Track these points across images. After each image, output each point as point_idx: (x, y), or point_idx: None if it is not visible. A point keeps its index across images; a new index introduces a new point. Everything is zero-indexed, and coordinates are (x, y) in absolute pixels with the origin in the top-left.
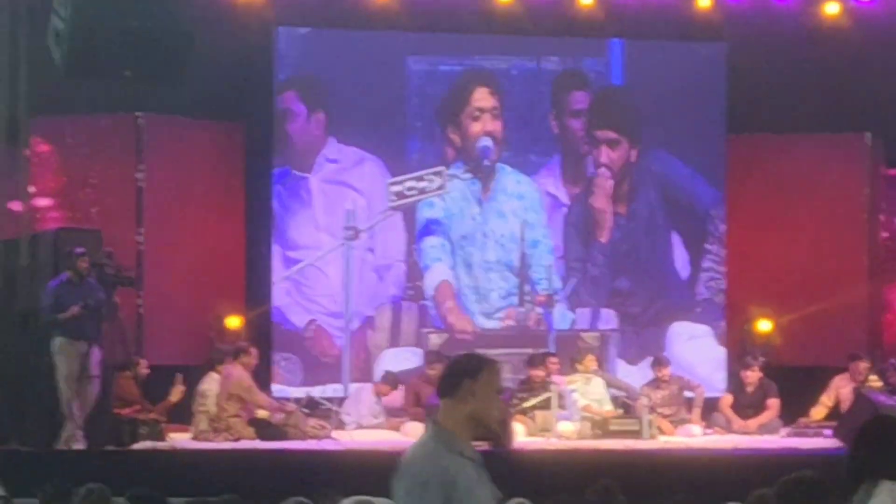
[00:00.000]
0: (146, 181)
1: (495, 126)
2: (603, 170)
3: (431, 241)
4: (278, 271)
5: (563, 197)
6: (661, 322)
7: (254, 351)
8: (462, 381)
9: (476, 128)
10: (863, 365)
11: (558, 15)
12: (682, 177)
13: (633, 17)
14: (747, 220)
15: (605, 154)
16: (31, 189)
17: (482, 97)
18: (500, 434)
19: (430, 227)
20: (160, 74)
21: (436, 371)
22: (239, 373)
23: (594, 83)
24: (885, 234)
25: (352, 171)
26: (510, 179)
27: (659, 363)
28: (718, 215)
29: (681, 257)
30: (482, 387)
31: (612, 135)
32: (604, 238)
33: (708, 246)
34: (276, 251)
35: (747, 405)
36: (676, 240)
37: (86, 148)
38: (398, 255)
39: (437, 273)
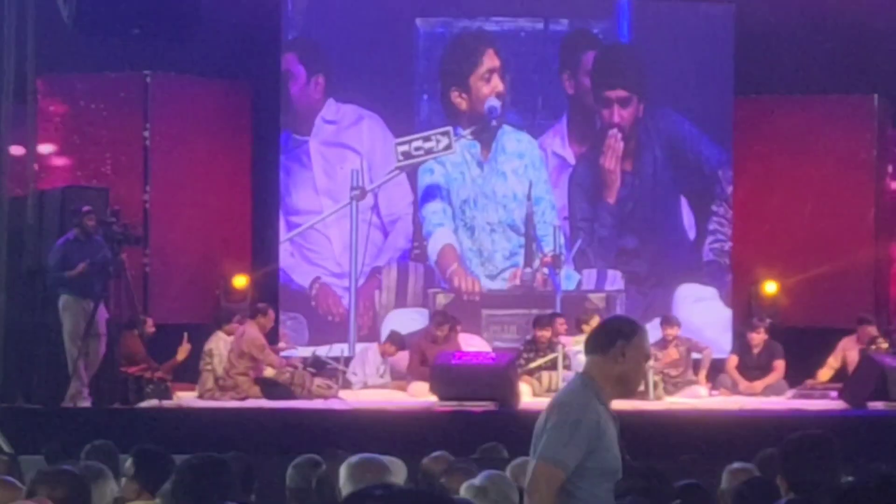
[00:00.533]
0: (153, 139)
1: (502, 86)
2: (614, 130)
3: (433, 207)
4: (283, 232)
5: (570, 157)
6: (667, 283)
7: (271, 313)
8: (616, 340)
9: (486, 89)
10: (871, 329)
11: None
12: (689, 135)
13: None
14: (754, 181)
15: (617, 113)
16: (39, 147)
17: (490, 58)
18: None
19: (430, 192)
20: (168, 32)
21: (442, 331)
22: (253, 332)
23: (602, 42)
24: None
25: (349, 131)
26: (510, 139)
27: (668, 322)
28: (725, 176)
29: (687, 217)
30: (633, 350)
31: (622, 93)
32: (611, 198)
33: (714, 207)
34: (280, 213)
35: (753, 367)
36: (683, 200)
37: (93, 106)
38: (403, 213)
39: (440, 237)
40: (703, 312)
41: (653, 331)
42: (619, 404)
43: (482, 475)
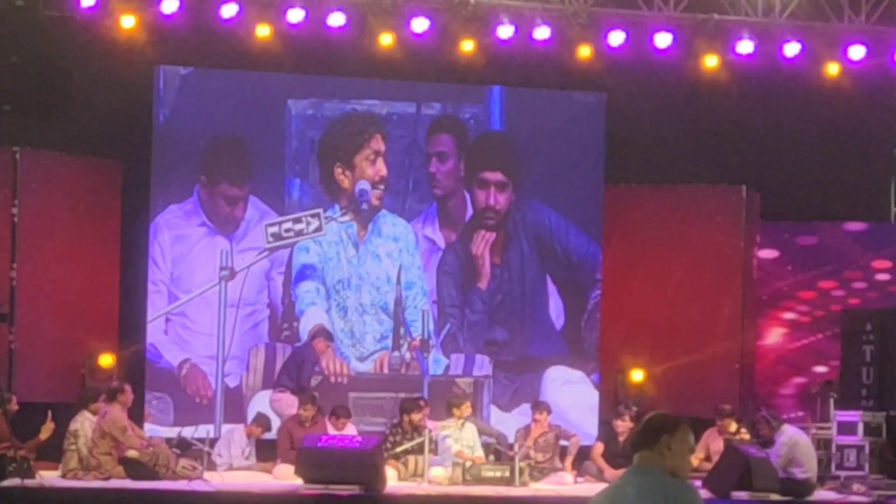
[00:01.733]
0: (21, 215)
1: (385, 170)
2: (486, 214)
3: (306, 286)
4: (155, 309)
5: (440, 242)
6: (536, 368)
7: (128, 388)
8: (660, 436)
9: (371, 171)
10: (728, 421)
11: (439, 61)
12: (556, 227)
13: (514, 66)
14: (622, 269)
15: (493, 197)
16: None
17: (378, 142)
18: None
19: (304, 272)
20: (39, 109)
21: (308, 412)
22: (115, 413)
23: (473, 129)
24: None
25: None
26: (386, 222)
27: (538, 408)
28: (595, 263)
29: (556, 306)
30: (678, 443)
31: (500, 177)
32: (482, 284)
33: (591, 291)
34: (157, 285)
35: (619, 454)
36: (552, 289)
37: None
38: (273, 296)
39: (312, 317)
40: (571, 395)
41: (521, 416)
42: (483, 490)
43: None
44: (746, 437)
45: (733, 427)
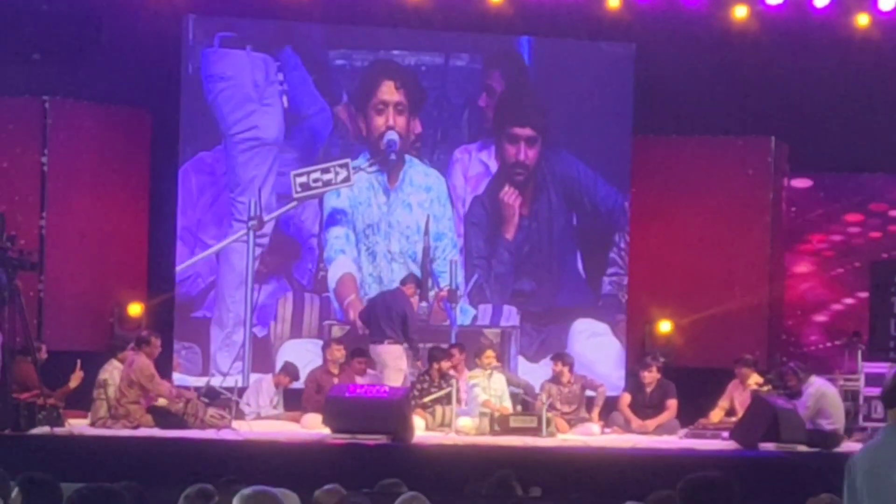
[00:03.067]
0: (50, 165)
1: (399, 121)
2: (516, 169)
3: (336, 232)
4: (183, 257)
5: (468, 193)
6: (562, 320)
7: (156, 340)
8: None
9: (379, 121)
10: (748, 371)
11: (468, 12)
12: (584, 178)
13: (543, 16)
14: (651, 220)
15: (524, 152)
16: None
17: (388, 91)
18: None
19: (335, 217)
20: (68, 58)
21: (339, 354)
22: (142, 361)
23: (503, 80)
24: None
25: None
26: (418, 171)
27: (560, 359)
28: (622, 212)
29: (582, 257)
30: None
31: (530, 132)
32: (509, 235)
33: (616, 238)
34: (187, 235)
35: (646, 405)
36: (579, 239)
37: None
38: (304, 245)
39: (340, 266)
40: (597, 347)
41: (548, 367)
42: (509, 440)
43: None
44: (764, 389)
45: (753, 377)
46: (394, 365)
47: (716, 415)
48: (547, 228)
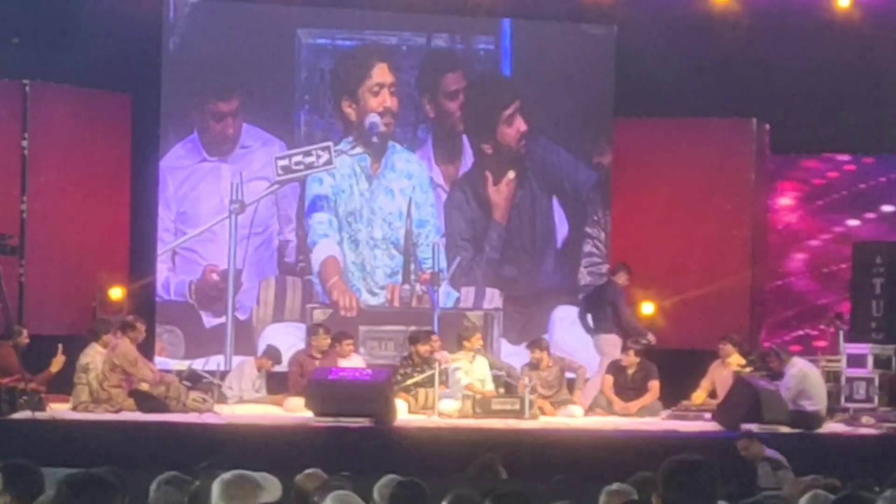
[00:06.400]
0: (31, 149)
1: (392, 102)
2: (503, 148)
3: (319, 217)
4: (164, 243)
5: (445, 177)
6: (544, 303)
7: (141, 325)
8: None
9: (374, 103)
10: (729, 348)
11: None
12: (566, 164)
13: None
14: (632, 203)
15: (501, 133)
16: None
17: (382, 73)
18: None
19: (317, 203)
20: (48, 41)
21: (322, 341)
22: (125, 345)
23: (482, 64)
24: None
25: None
26: (400, 157)
27: (538, 346)
28: (601, 199)
29: (564, 241)
30: None
31: (507, 112)
32: (498, 217)
33: (589, 230)
34: (165, 222)
35: (628, 387)
36: (560, 226)
37: None
38: (285, 229)
39: (324, 249)
40: (578, 334)
41: (527, 351)
42: (492, 423)
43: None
44: (746, 370)
45: (735, 358)
46: (611, 353)
47: (698, 396)
48: (528, 215)
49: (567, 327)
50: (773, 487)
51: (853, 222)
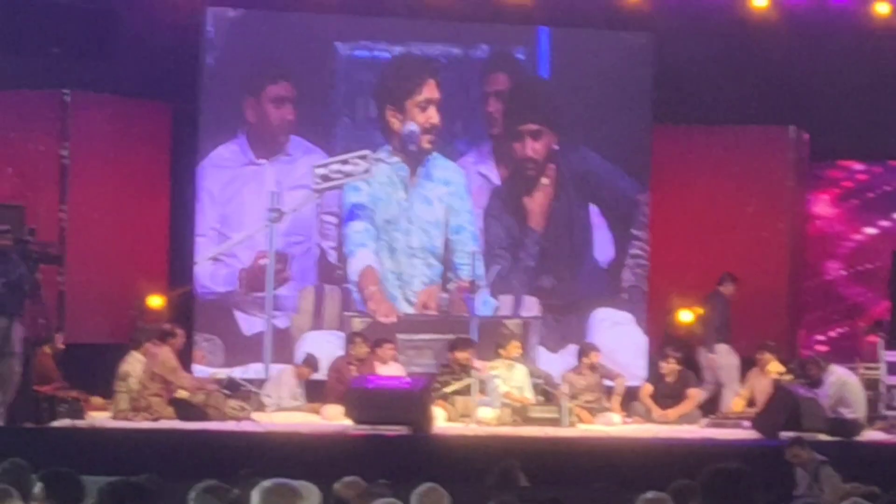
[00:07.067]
0: (71, 158)
1: (437, 118)
2: (528, 162)
3: (356, 226)
4: (203, 251)
5: (496, 179)
6: (583, 310)
7: (180, 332)
8: None
9: (421, 118)
10: (769, 357)
11: (487, 2)
12: (604, 172)
13: (562, 6)
14: (670, 209)
15: (530, 146)
16: None
17: (431, 89)
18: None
19: (355, 212)
20: (88, 51)
21: (361, 349)
22: (165, 353)
23: (521, 69)
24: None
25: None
26: (437, 165)
27: (593, 349)
28: (644, 202)
29: (603, 249)
30: None
31: (533, 126)
32: (535, 225)
33: (634, 231)
34: (209, 222)
35: (667, 395)
36: (599, 232)
37: (11, 124)
38: (323, 237)
39: (362, 259)
40: (619, 337)
41: (568, 357)
42: (531, 431)
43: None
44: (786, 377)
45: (774, 366)
46: (726, 362)
47: (737, 404)
48: (566, 224)
49: (607, 330)
50: (810, 496)
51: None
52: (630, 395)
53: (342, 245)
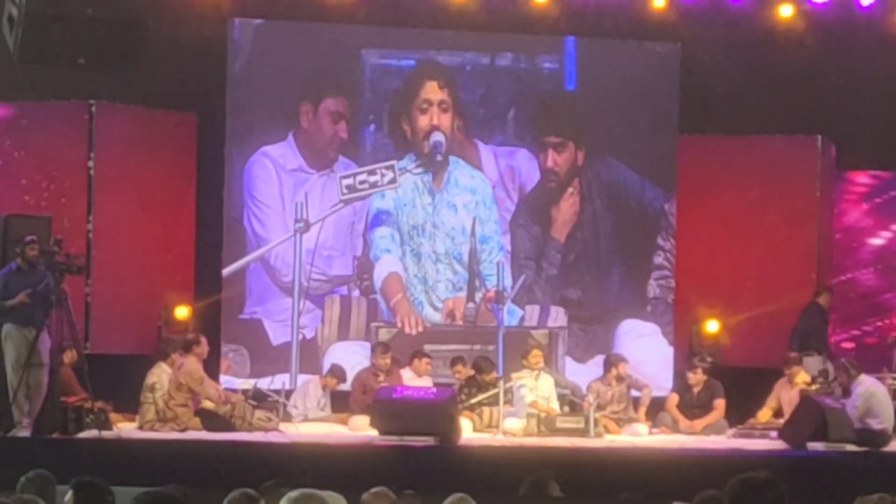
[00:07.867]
0: (97, 169)
1: (443, 120)
2: (550, 174)
3: (381, 232)
4: (230, 260)
5: (514, 194)
6: (609, 322)
7: (204, 340)
8: None
9: (423, 121)
10: (797, 369)
11: (513, 11)
12: (631, 182)
13: (588, 16)
14: (697, 220)
15: (552, 158)
16: None
17: (431, 90)
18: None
19: (380, 218)
20: (114, 62)
21: (385, 361)
22: (191, 364)
23: (546, 82)
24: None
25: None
26: (463, 173)
27: (622, 360)
28: (671, 213)
29: (630, 260)
30: None
31: (556, 139)
32: (559, 236)
33: (660, 241)
34: (237, 238)
35: (694, 405)
36: (625, 244)
37: (38, 134)
38: (350, 247)
39: (386, 265)
40: (644, 348)
41: (595, 368)
42: (556, 441)
43: None
44: (812, 387)
45: (801, 376)
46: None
47: (764, 414)
48: (593, 235)
49: (633, 341)
50: None
51: None
52: (656, 406)
53: (368, 251)
